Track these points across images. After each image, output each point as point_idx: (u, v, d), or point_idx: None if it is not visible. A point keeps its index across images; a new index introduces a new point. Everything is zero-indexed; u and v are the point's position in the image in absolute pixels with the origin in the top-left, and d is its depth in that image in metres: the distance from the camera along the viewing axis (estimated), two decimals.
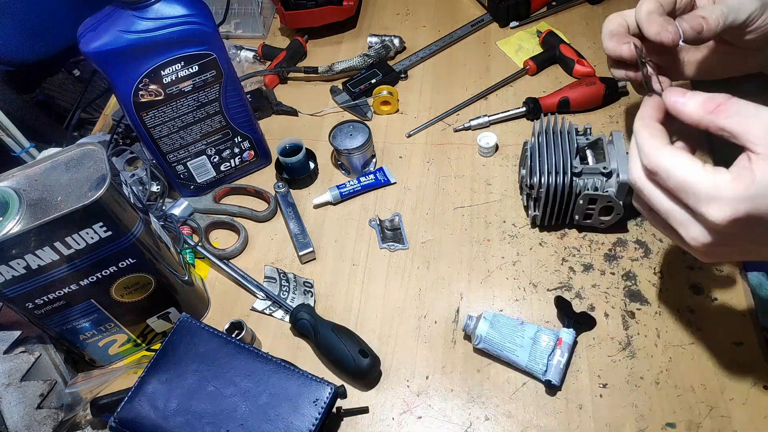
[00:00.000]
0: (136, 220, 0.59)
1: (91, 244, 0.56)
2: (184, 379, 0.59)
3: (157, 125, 0.74)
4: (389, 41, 1.00)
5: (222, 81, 0.74)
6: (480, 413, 0.63)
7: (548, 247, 0.75)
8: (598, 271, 0.72)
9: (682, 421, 0.60)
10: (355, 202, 0.83)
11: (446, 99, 0.94)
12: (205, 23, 0.68)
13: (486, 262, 0.74)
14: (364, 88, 0.94)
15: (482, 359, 0.66)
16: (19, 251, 0.53)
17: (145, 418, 0.57)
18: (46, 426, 0.61)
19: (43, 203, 0.55)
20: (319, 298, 0.74)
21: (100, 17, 0.66)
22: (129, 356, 0.72)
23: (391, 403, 0.65)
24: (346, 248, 0.78)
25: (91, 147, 0.59)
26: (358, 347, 0.64)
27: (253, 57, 1.03)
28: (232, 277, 0.77)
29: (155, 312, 0.69)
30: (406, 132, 0.90)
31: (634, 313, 0.68)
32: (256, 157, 0.87)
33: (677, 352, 0.64)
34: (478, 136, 0.85)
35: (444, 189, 0.83)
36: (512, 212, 0.79)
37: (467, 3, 1.08)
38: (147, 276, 0.63)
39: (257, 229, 0.82)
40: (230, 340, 0.62)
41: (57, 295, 0.59)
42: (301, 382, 0.59)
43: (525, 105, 0.88)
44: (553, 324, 0.68)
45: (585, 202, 0.70)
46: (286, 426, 0.56)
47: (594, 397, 0.62)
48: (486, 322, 0.65)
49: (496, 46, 1.00)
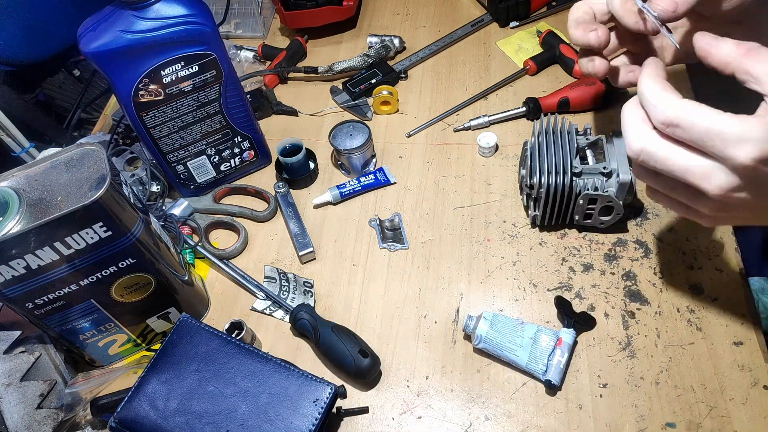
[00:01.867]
0: (136, 220, 0.59)
1: (91, 244, 0.56)
2: (184, 379, 0.59)
3: (157, 125, 0.74)
4: (389, 41, 1.00)
5: (222, 81, 0.74)
6: (480, 413, 0.63)
7: (548, 247, 0.75)
8: (598, 271, 0.72)
9: (682, 421, 0.60)
10: (355, 202, 0.83)
11: (446, 99, 0.94)
12: (205, 23, 0.68)
13: (486, 262, 0.74)
14: (364, 88, 0.94)
15: (482, 359, 0.66)
16: (19, 251, 0.53)
17: (145, 418, 0.57)
18: (46, 426, 0.61)
19: (43, 203, 0.55)
20: (319, 298, 0.74)
21: (100, 17, 0.66)
22: (129, 356, 0.72)
23: (391, 403, 0.65)
24: (346, 248, 0.78)
25: (91, 147, 0.59)
26: (358, 347, 0.64)
27: (253, 57, 1.03)
28: (232, 277, 0.77)
29: (155, 312, 0.69)
30: (406, 132, 0.90)
31: (634, 313, 0.68)
32: (256, 157, 0.87)
33: (677, 352, 0.64)
34: (478, 136, 0.85)
35: (444, 189, 0.83)
36: (512, 212, 0.79)
37: (467, 3, 1.08)
38: (147, 276, 0.63)
39: (257, 229, 0.82)
40: (230, 340, 0.62)
41: (57, 295, 0.59)
42: (301, 382, 0.59)
43: (525, 105, 0.88)
44: (553, 324, 0.68)
45: (585, 202, 0.70)
46: (286, 426, 0.56)
47: (594, 397, 0.62)
48: (486, 322, 0.65)
49: (496, 46, 1.00)
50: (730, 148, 0.42)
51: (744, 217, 0.47)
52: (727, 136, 0.42)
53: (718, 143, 0.42)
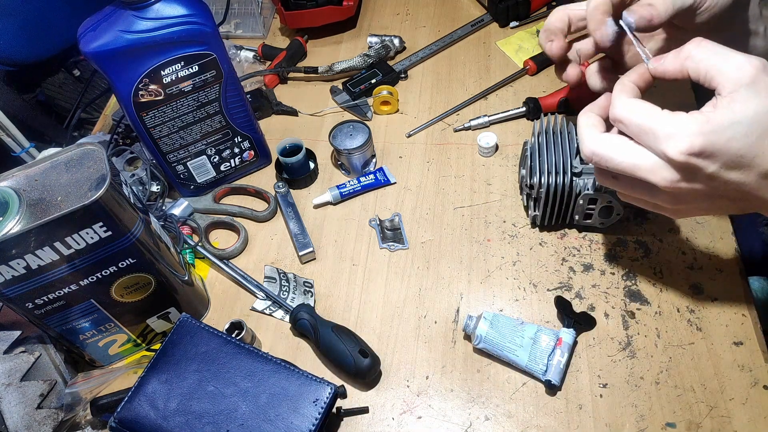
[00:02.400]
0: (136, 220, 0.59)
1: (91, 244, 0.56)
2: (184, 379, 0.59)
3: (157, 125, 0.74)
4: (389, 41, 1.00)
5: (222, 81, 0.74)
6: (480, 413, 0.63)
7: (548, 247, 0.75)
8: (598, 271, 0.72)
9: (682, 421, 0.60)
10: (355, 202, 0.83)
11: (446, 99, 0.94)
12: (205, 23, 0.68)
13: (486, 262, 0.74)
14: (364, 88, 0.94)
15: (482, 359, 0.66)
16: (19, 251, 0.53)
17: (145, 418, 0.57)
18: (46, 426, 0.61)
19: (43, 203, 0.55)
20: (319, 298, 0.74)
21: (100, 17, 0.66)
22: (129, 356, 0.72)
23: (391, 403, 0.65)
24: (346, 248, 0.78)
25: (91, 147, 0.59)
26: (358, 347, 0.64)
27: (253, 57, 1.03)
28: (232, 277, 0.77)
29: (155, 312, 0.69)
30: (406, 132, 0.90)
31: (634, 313, 0.68)
32: (256, 157, 0.87)
33: (677, 352, 0.64)
34: (478, 136, 0.85)
35: (444, 189, 0.83)
36: (512, 212, 0.79)
37: (467, 3, 1.08)
38: (147, 276, 0.63)
39: (257, 229, 0.82)
40: (230, 340, 0.62)
41: (57, 295, 0.59)
42: (301, 382, 0.59)
43: (525, 105, 0.88)
44: (553, 324, 0.68)
45: (585, 202, 0.70)
46: (286, 426, 0.56)
47: (594, 397, 0.62)
48: (486, 322, 0.65)
49: (496, 46, 1.00)
50: (662, 143, 0.44)
51: (703, 207, 0.49)
52: (658, 131, 0.44)
53: (651, 138, 0.45)
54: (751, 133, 0.42)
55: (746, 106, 0.42)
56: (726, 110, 0.42)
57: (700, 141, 0.42)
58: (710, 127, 0.42)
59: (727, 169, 0.44)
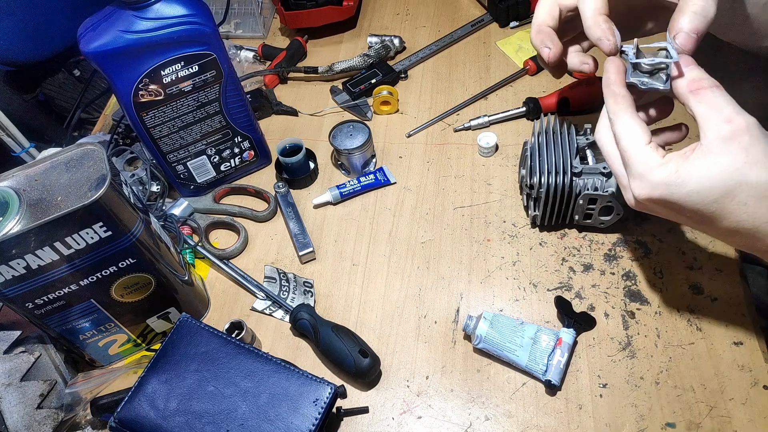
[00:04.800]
0: (136, 220, 0.59)
1: (91, 244, 0.56)
2: (184, 379, 0.59)
3: (157, 125, 0.74)
4: (389, 41, 1.00)
5: (222, 81, 0.74)
6: (480, 413, 0.63)
7: (548, 247, 0.75)
8: (598, 271, 0.72)
9: (682, 421, 0.60)
10: (355, 202, 0.83)
11: (446, 99, 0.94)
12: (205, 23, 0.68)
13: (486, 262, 0.74)
14: (364, 88, 0.94)
15: (482, 359, 0.66)
16: (19, 251, 0.53)
17: (145, 418, 0.57)
18: (46, 426, 0.61)
19: (43, 203, 0.55)
20: (319, 298, 0.74)
21: (100, 17, 0.66)
22: (129, 356, 0.72)
23: (391, 403, 0.65)
24: (346, 248, 0.78)
25: (91, 147, 0.59)
26: (358, 347, 0.64)
27: (253, 57, 1.03)
28: (232, 277, 0.77)
29: (155, 312, 0.69)
30: (406, 132, 0.90)
31: (634, 313, 0.68)
32: (256, 157, 0.87)
33: (677, 352, 0.64)
34: (478, 136, 0.85)
35: (444, 189, 0.83)
36: (512, 212, 0.79)
37: (467, 3, 1.08)
38: (147, 276, 0.63)
39: (257, 229, 0.82)
40: (230, 340, 0.62)
41: (57, 295, 0.59)
42: (301, 382, 0.59)
43: (525, 105, 0.88)
44: (553, 324, 0.68)
45: (585, 202, 0.70)
46: (286, 426, 0.56)
47: (594, 397, 0.62)
48: (486, 322, 0.65)
49: (496, 46, 1.00)
50: (631, 178, 0.47)
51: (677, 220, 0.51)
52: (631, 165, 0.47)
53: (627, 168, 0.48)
54: (712, 191, 0.43)
55: (715, 163, 0.43)
56: (696, 162, 0.43)
57: (660, 191, 0.45)
58: (675, 179, 0.44)
59: (686, 218, 0.46)
